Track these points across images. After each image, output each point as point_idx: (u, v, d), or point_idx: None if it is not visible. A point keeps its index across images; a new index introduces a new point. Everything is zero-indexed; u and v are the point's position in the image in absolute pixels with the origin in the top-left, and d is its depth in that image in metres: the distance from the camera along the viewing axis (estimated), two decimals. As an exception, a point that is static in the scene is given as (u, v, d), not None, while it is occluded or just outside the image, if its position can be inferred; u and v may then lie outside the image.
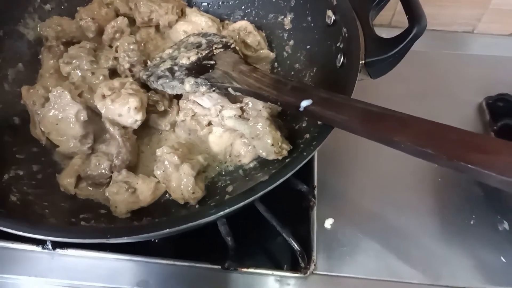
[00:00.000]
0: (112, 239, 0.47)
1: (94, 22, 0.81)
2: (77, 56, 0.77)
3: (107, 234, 0.47)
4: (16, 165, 0.68)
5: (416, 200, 0.81)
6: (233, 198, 0.51)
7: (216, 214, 0.48)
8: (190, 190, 0.66)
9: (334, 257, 0.74)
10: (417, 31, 0.62)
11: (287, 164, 0.56)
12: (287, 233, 0.70)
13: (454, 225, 0.78)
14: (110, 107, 0.67)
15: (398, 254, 0.74)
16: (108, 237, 0.46)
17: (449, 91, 0.99)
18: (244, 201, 0.50)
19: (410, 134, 0.47)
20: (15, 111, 0.75)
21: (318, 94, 0.56)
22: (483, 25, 1.13)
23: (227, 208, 0.49)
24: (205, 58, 0.73)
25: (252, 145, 0.70)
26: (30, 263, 0.73)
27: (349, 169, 0.85)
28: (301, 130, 0.70)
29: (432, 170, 0.84)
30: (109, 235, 0.47)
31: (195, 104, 0.74)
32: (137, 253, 0.72)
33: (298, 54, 0.81)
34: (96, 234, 0.49)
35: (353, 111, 0.53)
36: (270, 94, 0.61)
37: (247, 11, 0.91)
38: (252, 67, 0.68)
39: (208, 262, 0.72)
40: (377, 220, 0.78)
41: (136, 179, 0.66)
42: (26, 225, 0.49)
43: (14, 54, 0.79)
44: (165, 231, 0.47)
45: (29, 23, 0.81)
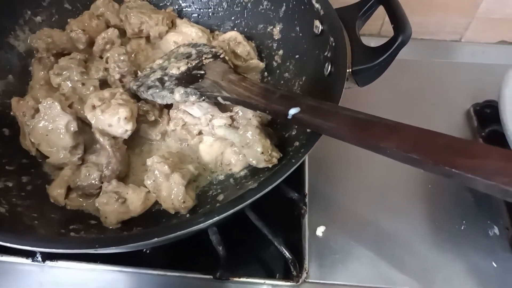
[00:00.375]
0: (101, 249, 0.46)
1: (84, 33, 0.82)
2: (67, 67, 0.77)
3: (95, 244, 0.46)
4: (6, 177, 0.67)
5: (407, 206, 0.81)
6: (222, 206, 0.51)
7: (205, 222, 0.48)
8: (181, 199, 0.66)
9: (326, 265, 0.74)
10: (402, 39, 0.63)
11: (276, 172, 0.56)
12: (278, 242, 0.70)
13: (446, 231, 0.79)
14: (100, 117, 0.67)
15: (391, 261, 0.75)
16: (96, 247, 0.46)
17: (437, 98, 1.00)
18: (233, 209, 0.50)
19: (397, 140, 0.48)
20: (5, 122, 0.75)
21: (306, 102, 0.57)
22: (471, 33, 1.15)
23: (216, 216, 0.49)
24: (195, 68, 0.74)
25: (242, 154, 0.70)
26: (20, 276, 0.72)
27: (340, 176, 0.85)
28: (291, 138, 0.71)
29: (422, 177, 0.85)
30: (97, 245, 0.46)
31: (185, 113, 0.74)
32: (129, 264, 0.72)
33: (288, 63, 0.82)
34: (84, 244, 0.49)
35: (340, 118, 0.53)
36: (258, 102, 0.62)
37: (236, 21, 0.92)
38: (241, 76, 0.69)
39: (200, 272, 0.72)
40: (369, 227, 0.78)
41: (126, 189, 0.66)
42: (14, 236, 0.48)
43: (4, 66, 0.79)
44: (153, 240, 0.46)
45: (19, 35, 0.81)
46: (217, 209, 0.50)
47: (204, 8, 0.93)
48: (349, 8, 0.72)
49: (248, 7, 0.89)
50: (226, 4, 0.91)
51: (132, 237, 0.48)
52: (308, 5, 0.74)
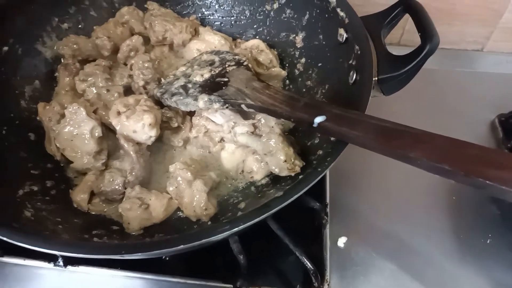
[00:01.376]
0: (127, 255, 0.46)
1: (109, 40, 0.83)
2: (92, 73, 0.78)
3: (122, 250, 0.47)
4: (31, 181, 0.68)
5: (430, 218, 0.80)
6: (248, 214, 0.50)
7: (230, 230, 0.48)
8: (203, 206, 0.66)
9: (347, 277, 0.73)
10: (429, 48, 0.62)
11: (301, 180, 0.56)
12: (300, 252, 0.69)
13: (470, 245, 0.77)
14: (125, 123, 0.67)
15: (413, 274, 0.73)
16: (122, 253, 0.46)
17: (460, 108, 0.99)
18: (259, 217, 0.49)
19: (426, 150, 0.47)
20: (31, 127, 0.76)
21: (331, 110, 0.57)
22: (493, 43, 1.14)
23: (242, 224, 0.48)
24: (218, 75, 0.74)
25: (264, 162, 0.70)
26: (41, 280, 0.73)
27: (362, 186, 0.84)
28: (314, 146, 0.70)
29: (446, 189, 0.83)
30: (124, 251, 0.46)
31: (208, 120, 0.74)
32: (149, 270, 0.72)
33: (310, 71, 0.82)
34: (110, 250, 0.49)
35: (367, 127, 0.53)
36: (283, 110, 0.62)
37: (259, 30, 0.92)
38: (265, 84, 0.69)
39: (220, 280, 0.71)
40: (391, 239, 0.77)
41: (149, 195, 0.66)
42: (42, 240, 0.49)
43: (32, 72, 0.80)
44: (179, 247, 0.46)
45: (46, 41, 0.83)
46: (243, 217, 0.50)
47: (227, 16, 0.94)
48: (374, 16, 0.72)
49: (271, 15, 0.89)
50: (249, 12, 0.92)
51: (159, 243, 0.47)
52: (332, 13, 0.74)
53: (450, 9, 1.08)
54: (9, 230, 0.50)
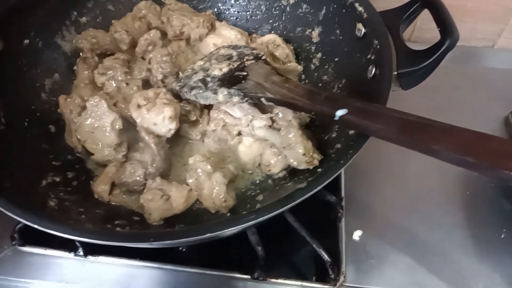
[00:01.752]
0: (155, 242, 0.47)
1: (128, 34, 0.84)
2: (112, 67, 0.79)
3: (150, 238, 0.47)
4: (53, 172, 0.69)
5: (444, 213, 0.80)
6: (272, 204, 0.51)
7: (256, 219, 0.49)
8: (222, 198, 0.67)
9: (363, 269, 0.74)
10: (449, 43, 0.63)
11: (324, 172, 0.56)
12: (317, 244, 0.70)
13: (484, 239, 0.77)
14: (146, 116, 0.68)
15: (428, 268, 0.74)
16: (151, 241, 0.47)
17: (473, 104, 0.99)
18: (284, 207, 0.50)
19: (450, 143, 0.47)
20: (51, 119, 0.77)
21: (353, 103, 0.57)
22: (504, 40, 1.14)
23: (267, 214, 0.49)
24: (237, 69, 0.75)
25: (282, 155, 0.70)
26: (61, 269, 0.74)
27: (377, 180, 0.85)
28: (331, 140, 0.71)
29: (460, 184, 0.84)
30: (152, 239, 0.47)
31: (226, 114, 0.75)
32: (167, 261, 0.73)
33: (326, 66, 0.82)
34: (139, 238, 0.50)
35: (389, 120, 0.53)
36: (304, 104, 0.62)
37: (274, 24, 0.92)
38: (284, 77, 0.69)
39: (237, 271, 0.72)
40: (406, 233, 0.78)
41: (170, 187, 0.67)
42: (72, 229, 0.49)
43: (51, 65, 0.81)
44: (206, 235, 0.47)
45: (65, 35, 0.84)
46: (268, 206, 0.50)
47: (243, 11, 0.94)
48: (392, 11, 0.72)
49: (287, 10, 0.89)
50: (265, 7, 0.92)
51: (187, 231, 0.48)
52: (350, 8, 0.75)
53: (462, 6, 1.08)
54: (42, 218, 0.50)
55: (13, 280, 0.72)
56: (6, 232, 0.75)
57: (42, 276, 0.73)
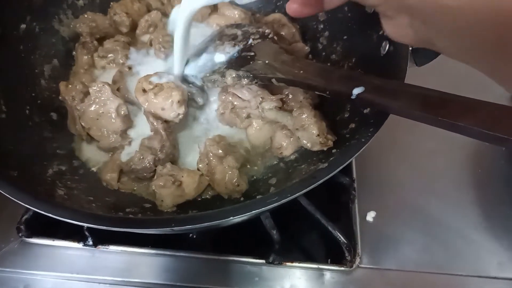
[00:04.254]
0: (177, 227, 0.46)
1: (127, 16, 0.81)
2: (112, 50, 0.76)
3: (171, 223, 0.46)
4: (58, 161, 0.67)
5: (457, 191, 0.80)
6: (294, 185, 0.50)
7: (279, 201, 0.47)
8: (235, 182, 0.65)
9: (378, 250, 0.73)
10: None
11: (344, 151, 0.55)
12: (332, 227, 0.69)
13: (497, 217, 0.77)
14: (153, 101, 0.66)
15: (443, 246, 0.73)
16: (172, 226, 0.45)
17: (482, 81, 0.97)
18: (307, 188, 0.49)
19: (476, 118, 0.46)
20: (52, 107, 0.75)
21: (370, 81, 0.55)
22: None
23: (290, 195, 0.48)
24: (244, 49, 0.72)
25: (295, 137, 0.69)
26: (70, 260, 0.72)
27: (387, 161, 0.83)
28: (344, 120, 0.69)
29: (472, 162, 0.83)
30: (174, 224, 0.46)
31: (234, 96, 0.73)
32: (179, 248, 0.71)
33: (334, 45, 0.80)
34: (161, 223, 0.48)
35: (410, 96, 0.51)
36: (317, 83, 0.60)
37: (278, 3, 0.90)
38: (294, 57, 0.67)
39: (251, 256, 0.71)
40: (419, 213, 0.77)
41: (181, 172, 0.65)
42: (94, 217, 0.48)
43: (50, 50, 0.79)
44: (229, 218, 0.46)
45: (63, 19, 0.81)
46: (289, 188, 0.49)
47: (245, -10, 0.91)
48: (403, -14, 0.70)
49: (291, -12, 0.86)
50: (268, -15, 0.89)
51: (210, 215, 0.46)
52: (359, -16, 0.72)
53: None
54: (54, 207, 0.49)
55: (21, 272, 0.71)
56: (12, 224, 0.73)
57: (51, 268, 0.71)
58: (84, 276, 0.70)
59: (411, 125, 0.52)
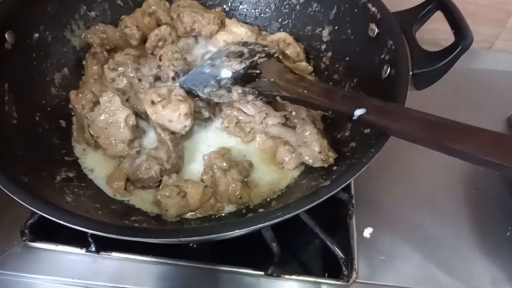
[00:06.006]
0: (184, 238, 0.47)
1: (138, 30, 0.83)
2: (123, 63, 0.78)
3: (179, 234, 0.48)
4: (66, 167, 0.69)
5: (452, 210, 0.82)
6: (298, 201, 0.52)
7: (282, 216, 0.49)
8: (238, 195, 0.67)
9: (374, 266, 0.75)
10: (464, 45, 0.64)
11: (346, 170, 0.57)
12: (331, 241, 0.70)
13: (491, 236, 0.79)
14: (161, 112, 0.68)
15: (438, 263, 0.75)
16: (180, 237, 0.47)
17: (476, 105, 1.00)
18: (309, 205, 0.51)
19: (472, 143, 0.48)
20: (61, 114, 0.77)
21: (371, 103, 0.58)
22: (501, 42, 1.16)
23: (293, 211, 0.50)
24: (250, 67, 0.74)
25: (297, 152, 0.71)
26: (72, 265, 0.73)
27: (385, 178, 0.86)
28: (345, 139, 0.72)
29: (466, 181, 0.86)
30: (181, 235, 0.47)
31: (239, 111, 0.75)
32: (180, 257, 0.73)
33: (337, 65, 0.83)
34: (168, 234, 0.49)
35: (410, 120, 0.54)
36: (321, 102, 0.62)
37: (283, 23, 0.93)
38: (299, 76, 0.70)
39: (250, 267, 0.72)
40: (415, 230, 0.79)
41: (186, 183, 0.67)
42: (103, 226, 0.49)
43: (61, 59, 0.80)
44: (234, 231, 0.47)
45: (75, 29, 0.83)
46: (293, 204, 0.51)
47: (252, 9, 0.94)
48: (405, 12, 0.73)
49: (297, 9, 0.90)
50: (274, 5, 0.92)
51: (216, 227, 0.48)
52: (362, 8, 0.75)
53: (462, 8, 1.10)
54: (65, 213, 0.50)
55: (23, 276, 0.72)
56: (16, 227, 0.74)
57: (53, 272, 0.72)
58: (85, 282, 0.72)
59: (410, 144, 0.54)
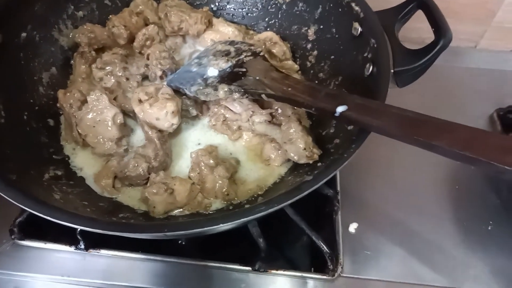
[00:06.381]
0: (170, 232, 0.48)
1: (126, 29, 0.84)
2: (111, 62, 0.79)
3: (165, 228, 0.49)
4: (54, 166, 0.69)
5: (435, 206, 0.84)
6: (281, 196, 0.53)
7: (266, 210, 0.50)
8: (225, 191, 0.68)
9: (359, 261, 0.76)
10: (443, 43, 0.66)
11: (328, 166, 0.58)
12: (316, 236, 0.72)
13: (473, 231, 0.81)
14: (148, 111, 0.69)
15: (421, 258, 0.77)
16: (165, 231, 0.48)
17: (459, 103, 1.02)
18: (292, 199, 0.52)
19: (449, 139, 0.50)
20: (49, 113, 0.77)
21: (353, 100, 0.59)
22: (486, 41, 1.18)
23: (276, 205, 0.51)
24: (236, 65, 0.76)
25: (283, 149, 0.72)
26: (62, 263, 0.74)
27: (370, 175, 0.88)
28: (329, 136, 0.73)
29: (449, 178, 0.88)
30: (166, 229, 0.48)
31: (226, 109, 0.76)
32: (168, 253, 0.74)
33: (322, 63, 0.84)
34: (153, 228, 0.51)
35: (389, 116, 0.55)
36: (304, 100, 0.64)
37: (270, 22, 0.94)
38: (284, 74, 0.71)
39: (237, 263, 0.73)
40: (399, 225, 0.81)
41: (174, 181, 0.68)
42: (90, 221, 0.50)
43: (48, 59, 0.81)
44: (219, 225, 0.48)
45: (62, 29, 0.83)
46: (276, 198, 0.52)
47: (239, 8, 0.95)
48: (387, 11, 0.74)
49: (283, 8, 0.91)
50: (261, 5, 0.94)
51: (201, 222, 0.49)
52: (346, 7, 0.77)
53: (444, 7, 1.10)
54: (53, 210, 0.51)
55: (12, 274, 0.72)
56: (4, 226, 0.75)
57: (42, 270, 0.73)
58: (75, 279, 0.73)
59: (394, 141, 0.55)
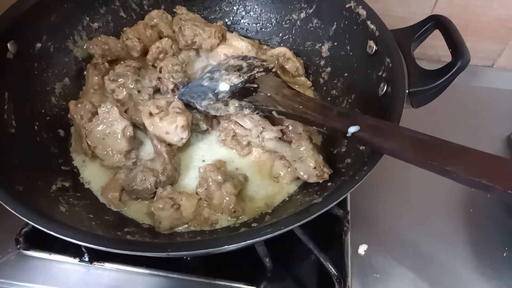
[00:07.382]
0: (173, 252, 0.47)
1: (139, 42, 0.84)
2: (123, 74, 0.79)
3: (168, 248, 0.48)
4: (62, 177, 0.69)
5: (448, 229, 0.81)
6: (288, 218, 0.51)
7: (272, 233, 0.49)
8: (232, 208, 0.67)
9: (368, 284, 0.74)
10: (461, 64, 0.64)
11: (339, 187, 0.57)
12: (324, 258, 0.70)
13: (487, 256, 0.78)
14: (159, 124, 0.69)
15: (432, 283, 0.74)
16: (168, 251, 0.47)
17: (475, 123, 1.00)
18: (299, 222, 0.51)
19: (464, 164, 0.48)
20: (60, 124, 0.77)
21: (365, 120, 0.58)
22: (503, 59, 1.16)
23: (283, 227, 0.50)
24: (248, 81, 0.75)
25: (292, 167, 0.71)
26: (66, 274, 0.73)
27: (382, 195, 0.85)
28: (341, 155, 0.72)
29: (464, 201, 0.85)
30: (170, 249, 0.47)
31: (236, 124, 0.75)
32: (172, 269, 0.73)
33: (335, 81, 0.83)
34: (157, 248, 0.50)
35: (402, 138, 0.54)
36: (316, 118, 0.63)
37: (284, 37, 0.93)
38: (295, 91, 0.70)
39: (243, 282, 0.72)
40: (411, 248, 0.78)
41: (180, 196, 0.67)
42: (93, 238, 0.49)
43: (62, 69, 0.82)
44: (223, 247, 0.47)
45: (77, 40, 0.84)
46: (284, 220, 0.51)
47: (253, 23, 0.95)
48: (404, 30, 0.74)
49: (297, 24, 0.91)
50: (275, 20, 0.93)
51: (205, 242, 0.48)
52: (362, 25, 0.76)
53: (464, 25, 1.10)
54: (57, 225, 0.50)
55: (16, 284, 0.72)
56: (10, 235, 0.74)
57: (46, 281, 0.72)
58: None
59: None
